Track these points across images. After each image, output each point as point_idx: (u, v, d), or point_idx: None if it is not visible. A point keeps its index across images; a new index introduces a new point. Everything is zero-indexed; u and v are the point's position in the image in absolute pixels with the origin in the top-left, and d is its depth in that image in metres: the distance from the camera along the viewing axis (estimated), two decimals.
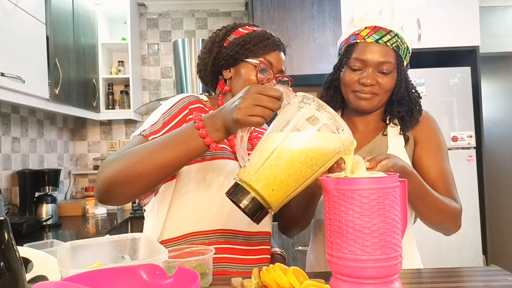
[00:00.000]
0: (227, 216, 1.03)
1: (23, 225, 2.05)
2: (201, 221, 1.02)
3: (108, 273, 0.64)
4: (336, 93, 1.15)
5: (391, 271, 0.71)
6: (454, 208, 1.01)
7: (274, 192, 0.73)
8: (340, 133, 0.73)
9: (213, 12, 3.54)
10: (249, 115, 0.75)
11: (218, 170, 1.03)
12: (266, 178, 0.73)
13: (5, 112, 2.30)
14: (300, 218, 1.07)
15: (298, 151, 0.72)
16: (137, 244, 0.91)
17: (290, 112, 0.75)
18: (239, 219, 1.02)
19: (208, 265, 0.86)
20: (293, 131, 0.73)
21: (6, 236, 0.64)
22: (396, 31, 1.04)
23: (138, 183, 0.85)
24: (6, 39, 1.75)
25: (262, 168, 0.73)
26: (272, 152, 0.73)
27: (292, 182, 0.74)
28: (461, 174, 2.74)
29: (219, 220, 1.02)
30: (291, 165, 0.72)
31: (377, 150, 1.09)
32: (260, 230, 1.07)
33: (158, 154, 0.83)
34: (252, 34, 1.09)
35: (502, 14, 3.63)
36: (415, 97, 1.10)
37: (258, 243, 1.07)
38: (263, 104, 0.75)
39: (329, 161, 0.75)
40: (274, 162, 0.72)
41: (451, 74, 2.85)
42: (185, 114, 1.02)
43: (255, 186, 0.73)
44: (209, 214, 1.02)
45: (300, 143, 0.72)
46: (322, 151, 0.73)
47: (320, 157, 0.73)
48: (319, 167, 0.74)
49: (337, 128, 0.73)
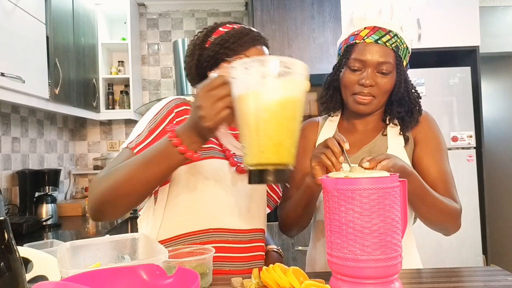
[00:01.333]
0: (218, 215, 1.03)
1: (23, 225, 2.05)
2: (193, 222, 1.03)
3: (108, 273, 0.64)
4: (335, 93, 1.15)
5: (391, 271, 0.71)
6: (454, 208, 1.01)
7: (280, 153, 0.72)
8: (293, 68, 0.75)
9: (213, 12, 3.54)
10: (215, 116, 0.74)
11: (207, 170, 1.03)
12: (266, 148, 0.72)
13: (5, 112, 2.30)
14: (299, 217, 1.07)
15: (274, 106, 0.71)
16: (137, 244, 0.91)
17: (241, 82, 0.73)
18: (230, 218, 1.03)
19: (208, 265, 0.86)
20: (257, 92, 0.71)
21: (6, 236, 0.64)
22: (396, 31, 1.04)
23: (126, 201, 0.88)
24: (6, 39, 1.75)
25: (256, 143, 0.72)
26: (255, 123, 0.72)
27: (288, 132, 0.73)
28: (461, 174, 2.74)
29: (210, 220, 1.03)
30: (276, 121, 0.72)
31: (376, 150, 1.09)
32: (252, 228, 1.07)
33: (142, 172, 0.84)
34: (230, 32, 1.07)
35: (502, 14, 3.63)
36: (414, 97, 1.10)
37: (250, 240, 1.06)
38: (218, 96, 0.74)
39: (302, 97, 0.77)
40: (262, 130, 0.71)
41: (451, 74, 2.85)
42: (172, 118, 1.03)
43: (263, 162, 0.72)
44: (200, 214, 1.03)
45: (271, 98, 0.71)
46: (293, 93, 0.75)
47: (295, 98, 0.75)
48: (300, 105, 0.77)
49: (288, 67, 0.74)
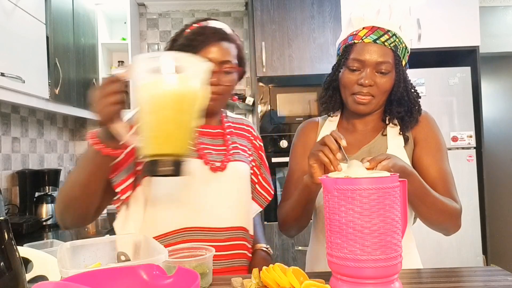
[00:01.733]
0: (193, 214, 1.04)
1: (23, 225, 2.05)
2: (168, 222, 1.04)
3: (108, 273, 0.64)
4: (335, 93, 1.15)
5: (391, 271, 0.71)
6: (454, 208, 1.01)
7: (173, 144, 0.76)
8: (188, 65, 0.77)
9: (213, 12, 3.54)
10: (104, 111, 0.80)
11: None
12: (158, 139, 0.76)
13: (5, 112, 2.30)
14: (298, 217, 1.07)
15: (163, 98, 0.75)
16: (137, 244, 0.91)
17: (137, 77, 0.77)
18: (205, 216, 1.04)
19: (208, 265, 0.86)
20: (149, 86, 0.76)
21: (6, 236, 0.64)
22: (394, 30, 1.04)
23: (75, 206, 0.94)
24: (6, 39, 1.75)
25: (149, 134, 0.76)
26: (148, 115, 0.76)
27: (180, 124, 0.77)
28: (461, 174, 2.74)
29: (185, 219, 1.04)
30: (167, 114, 0.75)
31: (376, 150, 1.09)
32: (230, 226, 1.06)
33: (78, 176, 0.91)
34: (188, 34, 1.09)
35: (502, 14, 3.63)
36: (414, 96, 1.10)
37: (228, 238, 1.06)
38: (106, 93, 0.79)
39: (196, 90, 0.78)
40: (154, 122, 0.76)
41: (451, 74, 2.85)
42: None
43: (156, 152, 0.76)
44: (175, 214, 1.04)
45: (160, 92, 0.75)
46: (184, 88, 0.76)
47: (185, 92, 0.76)
48: (192, 100, 0.77)
49: (183, 64, 0.76)
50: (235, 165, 1.11)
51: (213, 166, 1.07)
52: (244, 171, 1.13)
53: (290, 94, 2.87)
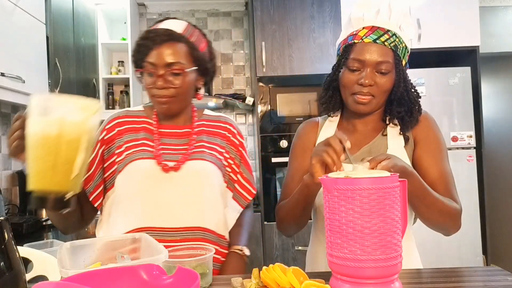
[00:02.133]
0: (146, 214, 1.06)
1: (23, 225, 2.05)
2: (125, 223, 1.07)
3: (108, 273, 0.64)
4: (335, 93, 1.15)
5: (391, 271, 0.72)
6: (454, 208, 1.01)
7: (48, 181, 0.79)
8: (58, 108, 0.79)
9: (213, 12, 3.54)
10: (10, 147, 0.87)
11: (136, 172, 1.09)
12: (36, 175, 0.80)
13: (5, 112, 2.30)
14: (297, 216, 1.06)
15: (31, 140, 0.79)
16: (137, 244, 0.91)
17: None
18: (159, 216, 1.06)
19: (208, 265, 0.86)
20: (27, 126, 0.80)
21: (6, 236, 0.64)
22: (394, 30, 1.04)
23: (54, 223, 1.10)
24: (6, 39, 1.75)
25: (30, 170, 0.80)
26: (27, 152, 0.80)
27: (50, 163, 0.79)
28: (461, 174, 2.74)
29: (139, 220, 1.06)
30: (36, 153, 0.78)
31: (376, 150, 1.09)
32: (184, 226, 1.06)
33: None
34: (137, 40, 1.12)
35: (502, 14, 3.63)
36: (414, 96, 1.09)
37: (183, 239, 1.05)
38: (12, 130, 0.87)
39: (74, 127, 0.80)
40: (31, 160, 0.80)
41: (451, 74, 2.85)
42: (109, 128, 1.16)
43: (37, 187, 0.80)
44: (130, 215, 1.07)
45: (28, 132, 0.79)
46: (48, 130, 0.78)
47: (50, 134, 0.78)
48: (59, 142, 0.78)
49: (52, 106, 0.79)
50: (194, 164, 1.10)
51: (166, 167, 1.08)
52: (204, 170, 1.12)
53: (290, 94, 2.87)
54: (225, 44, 3.52)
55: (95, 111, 0.80)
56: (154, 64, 1.07)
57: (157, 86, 1.07)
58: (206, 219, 1.10)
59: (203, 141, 1.17)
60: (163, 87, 1.07)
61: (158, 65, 1.07)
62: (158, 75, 1.07)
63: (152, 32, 1.09)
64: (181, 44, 1.09)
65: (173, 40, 1.08)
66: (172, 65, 1.07)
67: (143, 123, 1.18)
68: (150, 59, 1.07)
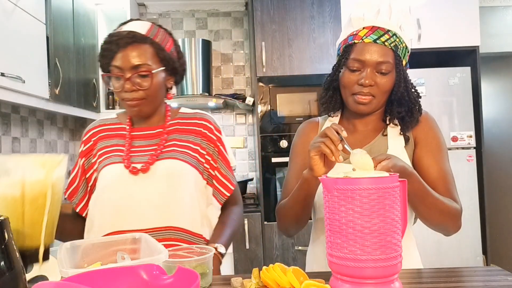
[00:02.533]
0: (117, 218, 1.08)
1: None
2: (99, 228, 1.09)
3: (108, 273, 0.64)
4: (335, 94, 1.15)
5: (391, 271, 0.72)
6: (454, 208, 1.01)
7: (24, 238, 0.77)
8: (14, 169, 0.77)
9: (213, 12, 3.54)
10: None
11: (106, 177, 1.11)
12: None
13: (5, 112, 2.30)
14: (297, 214, 1.06)
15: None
16: (137, 244, 0.91)
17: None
18: (129, 219, 1.07)
19: (208, 265, 0.86)
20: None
21: (6, 236, 0.64)
22: (394, 30, 1.04)
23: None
24: (6, 39, 1.75)
25: None
26: None
27: (18, 223, 0.76)
28: (461, 174, 2.74)
29: (111, 223, 1.08)
30: (7, 215, 0.74)
31: (376, 150, 1.09)
32: (154, 227, 1.06)
33: None
34: (102, 44, 1.11)
35: (502, 14, 3.63)
36: (414, 96, 1.09)
37: (156, 239, 1.03)
38: None
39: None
40: None
41: (451, 74, 2.85)
42: (85, 140, 1.20)
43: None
44: (102, 220, 1.10)
45: None
46: (5, 191, 0.76)
47: (8, 195, 0.76)
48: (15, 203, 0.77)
49: (9, 168, 0.77)
50: (163, 164, 1.10)
51: (134, 169, 1.09)
52: (174, 168, 1.11)
53: (290, 94, 2.87)
54: (225, 44, 3.52)
55: (57, 164, 0.80)
56: (120, 68, 1.07)
57: (125, 89, 1.07)
58: (178, 218, 1.09)
59: (175, 139, 1.16)
60: (131, 90, 1.07)
61: (124, 68, 1.06)
62: (125, 78, 1.06)
63: (115, 35, 1.08)
64: (146, 45, 1.08)
65: (137, 42, 1.07)
66: (139, 67, 1.06)
67: (117, 129, 1.20)
68: (115, 62, 1.07)
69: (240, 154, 3.45)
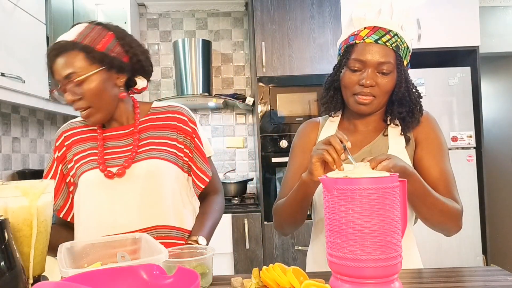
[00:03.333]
0: (99, 225, 1.07)
1: None
2: (83, 237, 1.09)
3: (108, 273, 0.64)
4: (336, 94, 1.14)
5: (391, 271, 0.72)
6: (455, 208, 1.01)
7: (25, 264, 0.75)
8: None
9: (213, 12, 3.54)
10: None
11: (84, 184, 1.09)
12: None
13: (5, 112, 2.30)
14: (294, 214, 1.06)
15: None
16: (137, 244, 0.91)
17: None
18: (111, 225, 1.06)
19: (208, 265, 0.86)
20: None
21: (6, 236, 0.64)
22: (396, 30, 1.04)
23: None
24: (6, 39, 1.75)
25: None
26: None
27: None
28: (461, 174, 2.74)
29: (94, 232, 1.06)
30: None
31: (377, 150, 1.08)
32: (138, 229, 1.05)
33: None
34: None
35: (502, 14, 3.63)
36: (415, 97, 1.09)
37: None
38: None
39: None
40: None
41: (451, 74, 2.85)
42: (58, 146, 1.17)
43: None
44: (86, 228, 1.09)
45: None
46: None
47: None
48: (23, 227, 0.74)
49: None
50: (140, 166, 1.08)
51: (109, 173, 1.07)
52: (154, 167, 1.09)
53: (290, 94, 2.87)
54: (225, 44, 3.52)
55: (42, 191, 0.75)
56: (57, 81, 1.04)
57: (68, 102, 1.04)
58: (163, 217, 1.08)
59: (150, 137, 1.14)
60: (72, 100, 1.04)
61: (59, 80, 1.03)
62: (62, 90, 1.04)
63: (48, 49, 1.05)
64: (73, 51, 1.02)
65: (64, 51, 1.02)
66: (70, 76, 1.01)
67: (88, 132, 1.16)
68: (53, 73, 1.04)
69: (240, 154, 3.45)
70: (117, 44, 1.08)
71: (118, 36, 1.09)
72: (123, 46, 1.09)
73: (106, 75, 1.05)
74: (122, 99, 1.13)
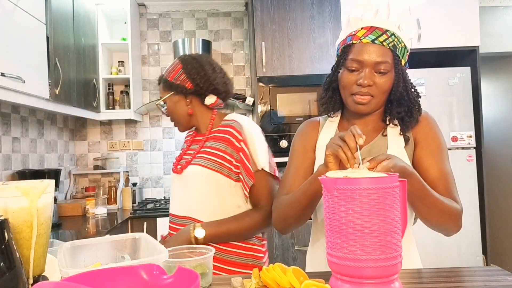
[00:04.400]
0: (170, 204, 1.40)
1: None
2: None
3: (108, 273, 0.64)
4: (334, 94, 1.15)
5: (391, 271, 0.72)
6: (455, 208, 1.01)
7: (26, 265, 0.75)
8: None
9: (213, 12, 3.54)
10: None
11: (171, 178, 1.45)
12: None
13: (5, 112, 2.31)
14: (301, 211, 1.05)
15: None
16: (137, 244, 0.91)
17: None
18: (173, 206, 1.39)
19: (208, 265, 0.86)
20: None
21: (6, 236, 0.64)
22: (393, 30, 1.04)
23: None
24: (6, 39, 1.75)
25: None
26: None
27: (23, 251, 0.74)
28: (461, 174, 2.74)
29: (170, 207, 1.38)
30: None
31: (376, 150, 1.08)
32: (180, 214, 1.35)
33: None
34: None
35: (502, 14, 3.63)
36: (414, 96, 1.09)
37: (179, 223, 1.34)
38: None
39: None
40: None
41: (451, 74, 2.85)
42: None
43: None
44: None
45: None
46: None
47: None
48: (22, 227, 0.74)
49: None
50: (191, 168, 1.33)
51: (175, 169, 1.39)
52: (197, 173, 1.32)
53: (290, 94, 2.87)
54: (225, 44, 3.52)
55: (42, 191, 0.76)
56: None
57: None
58: (195, 211, 1.32)
59: (208, 146, 1.35)
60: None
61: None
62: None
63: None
64: (160, 86, 1.43)
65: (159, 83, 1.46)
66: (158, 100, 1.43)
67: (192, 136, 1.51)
68: None
69: None
70: (182, 73, 1.37)
71: (185, 68, 1.37)
72: (187, 75, 1.36)
73: (176, 98, 1.38)
74: (191, 114, 1.40)
